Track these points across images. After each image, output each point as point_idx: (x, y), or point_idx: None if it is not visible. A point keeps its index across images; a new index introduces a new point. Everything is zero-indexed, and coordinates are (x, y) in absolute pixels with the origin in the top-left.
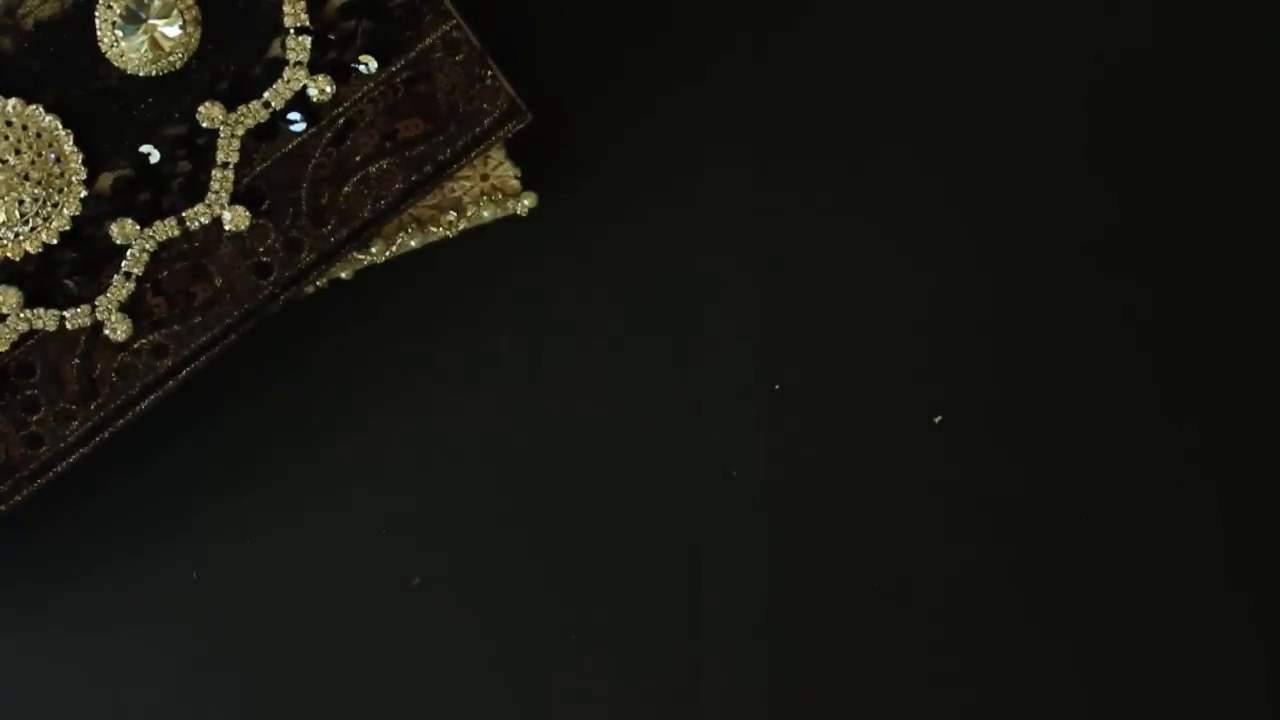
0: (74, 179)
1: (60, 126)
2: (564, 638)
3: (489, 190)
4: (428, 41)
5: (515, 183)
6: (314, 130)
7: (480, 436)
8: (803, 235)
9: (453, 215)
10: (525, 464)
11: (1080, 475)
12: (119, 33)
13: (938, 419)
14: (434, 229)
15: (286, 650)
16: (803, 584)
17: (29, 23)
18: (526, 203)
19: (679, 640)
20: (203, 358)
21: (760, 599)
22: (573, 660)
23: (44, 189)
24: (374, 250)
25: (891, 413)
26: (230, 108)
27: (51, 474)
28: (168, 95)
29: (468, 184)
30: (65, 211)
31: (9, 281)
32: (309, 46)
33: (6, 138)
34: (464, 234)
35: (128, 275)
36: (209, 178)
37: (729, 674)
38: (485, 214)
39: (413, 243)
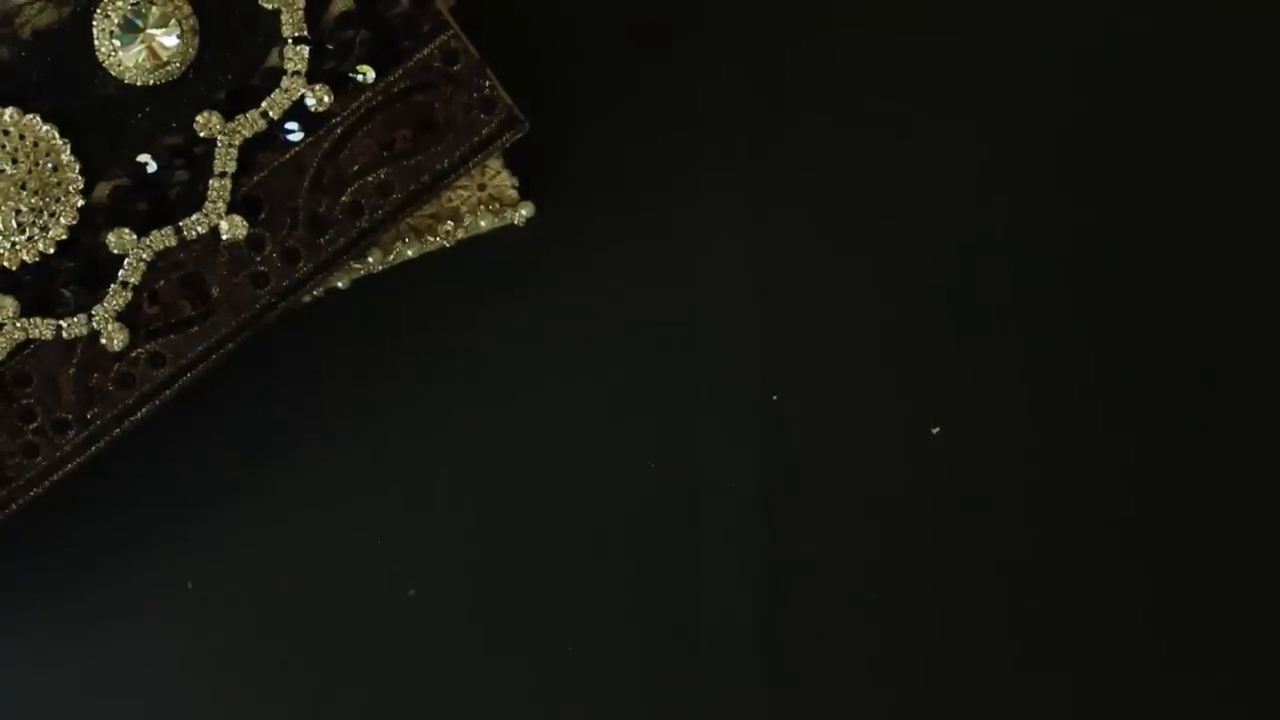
0: (71, 188)
1: (57, 135)
2: (560, 649)
3: (486, 200)
4: (426, 51)
5: (513, 192)
6: (311, 140)
7: (475, 446)
8: (800, 244)
9: (450, 225)
10: (520, 475)
11: (1078, 487)
12: (117, 42)
13: (936, 430)
14: (431, 238)
15: (282, 659)
16: (800, 595)
17: (26, 31)
18: (524, 212)
19: (677, 652)
20: (200, 367)
21: (758, 610)
22: (570, 672)
23: (41, 198)
24: (371, 259)
25: (890, 423)
26: (228, 117)
27: (47, 484)
28: (165, 104)
29: (465, 193)
30: (62, 221)
31: (5, 291)
32: (307, 56)
33: (3, 147)
34: (461, 243)
35: (124, 284)
36: (206, 187)
37: (726, 686)
38: (482, 224)
39: (410, 252)
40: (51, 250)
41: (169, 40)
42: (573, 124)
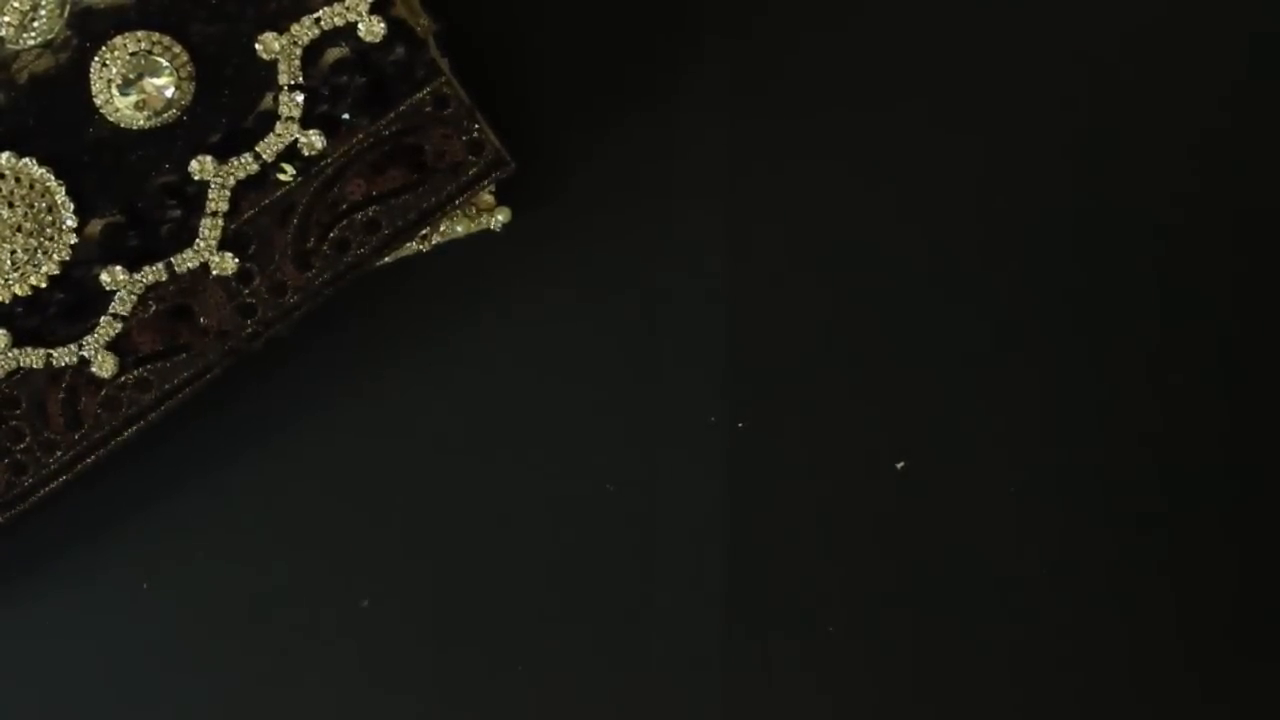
0: (64, 226)
1: (53, 178)
2: (510, 668)
3: (463, 204)
4: (418, 96)
5: (489, 198)
6: (302, 179)
7: (436, 460)
8: (773, 269)
9: (425, 229)
10: (477, 493)
11: (1043, 526)
12: (114, 89)
13: (900, 464)
14: (406, 243)
15: (233, 666)
16: (759, 623)
17: (23, 77)
18: (500, 218)
19: (630, 682)
20: (185, 391)
21: (715, 635)
22: (519, 692)
23: (35, 239)
24: None
25: (854, 456)
26: (222, 160)
27: (32, 500)
28: (160, 146)
29: None
30: (55, 257)
31: None
32: (301, 103)
33: None
34: (436, 248)
35: (115, 316)
36: (198, 224)
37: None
38: (458, 229)
39: (385, 257)
40: (43, 285)
41: (166, 89)
42: (550, 130)
